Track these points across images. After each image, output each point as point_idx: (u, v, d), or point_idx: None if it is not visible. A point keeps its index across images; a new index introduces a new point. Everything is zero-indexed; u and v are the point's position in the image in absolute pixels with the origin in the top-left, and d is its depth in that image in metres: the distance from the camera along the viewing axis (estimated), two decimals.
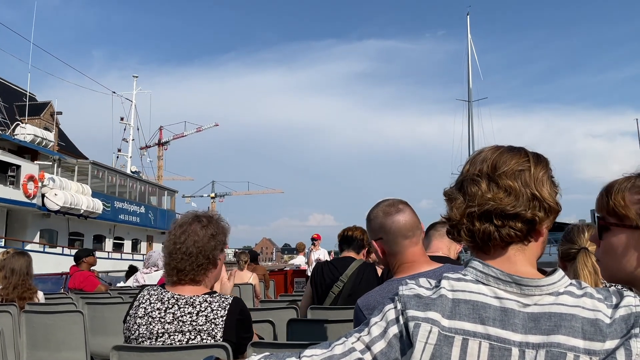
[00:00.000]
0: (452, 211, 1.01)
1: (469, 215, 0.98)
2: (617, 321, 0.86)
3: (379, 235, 1.80)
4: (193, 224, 2.06)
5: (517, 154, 1.02)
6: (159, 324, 1.94)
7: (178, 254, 2.01)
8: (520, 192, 0.96)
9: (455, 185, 1.05)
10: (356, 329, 0.98)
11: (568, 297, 0.89)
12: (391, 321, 0.94)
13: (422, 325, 0.89)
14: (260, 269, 8.27)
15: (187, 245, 2.01)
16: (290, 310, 3.51)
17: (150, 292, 2.02)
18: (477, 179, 0.99)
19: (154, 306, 1.97)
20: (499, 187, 0.97)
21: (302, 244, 11.67)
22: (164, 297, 1.98)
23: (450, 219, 1.02)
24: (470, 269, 0.96)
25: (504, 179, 0.97)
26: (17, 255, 4.05)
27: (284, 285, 10.86)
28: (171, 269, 2.02)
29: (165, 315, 1.95)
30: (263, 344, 2.08)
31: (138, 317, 1.96)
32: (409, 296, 0.94)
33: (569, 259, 1.84)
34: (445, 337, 0.88)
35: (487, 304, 0.90)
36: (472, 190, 0.99)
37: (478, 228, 0.97)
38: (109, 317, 4.28)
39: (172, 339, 1.93)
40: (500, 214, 0.96)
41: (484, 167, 1.01)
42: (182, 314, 1.94)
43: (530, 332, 0.87)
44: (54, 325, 3.74)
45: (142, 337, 1.94)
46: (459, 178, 1.05)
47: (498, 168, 0.99)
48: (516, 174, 0.98)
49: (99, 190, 26.97)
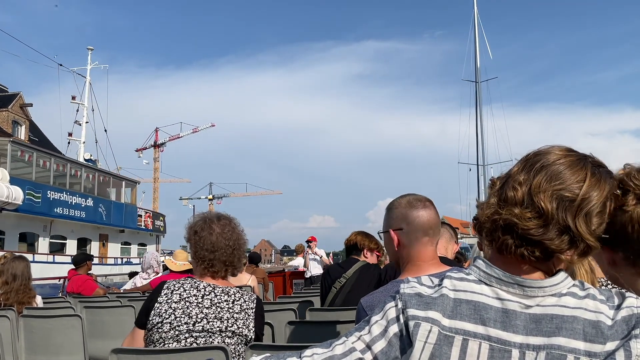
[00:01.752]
0: (482, 210, 0.95)
1: (494, 221, 0.92)
2: (618, 323, 0.85)
3: (400, 226, 1.74)
4: (232, 221, 2.23)
5: (582, 169, 0.90)
6: (197, 308, 2.02)
7: (228, 249, 2.15)
8: (554, 218, 0.87)
9: (500, 179, 0.97)
10: (357, 327, 0.97)
11: (571, 299, 0.89)
12: (392, 320, 0.93)
13: (422, 325, 0.89)
14: (259, 271, 8.26)
15: (234, 239, 2.18)
16: (289, 312, 3.51)
17: (180, 282, 2.10)
18: (517, 187, 0.91)
19: (190, 292, 2.05)
20: (533, 205, 0.88)
21: (301, 245, 11.66)
22: (199, 286, 2.09)
23: (477, 217, 0.97)
24: (475, 268, 0.95)
25: (541, 198, 0.88)
26: (17, 260, 4.05)
27: (283, 287, 10.85)
28: (219, 262, 2.14)
29: (202, 300, 2.04)
30: (262, 345, 2.09)
31: (173, 302, 2.02)
32: (410, 295, 0.93)
33: None
34: (445, 337, 0.88)
35: (489, 305, 0.89)
36: (507, 195, 0.92)
37: (497, 236, 0.92)
38: (107, 321, 4.27)
39: (210, 325, 2.01)
40: (522, 236, 0.89)
41: (537, 178, 0.90)
42: (220, 301, 2.05)
43: (531, 334, 0.86)
44: (53, 329, 3.73)
45: (179, 320, 2.00)
46: (507, 172, 0.96)
47: (551, 180, 0.89)
48: (561, 196, 0.87)
49: (25, 177, 20.58)
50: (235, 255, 2.17)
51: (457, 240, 3.16)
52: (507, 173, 0.96)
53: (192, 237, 2.19)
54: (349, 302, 3.26)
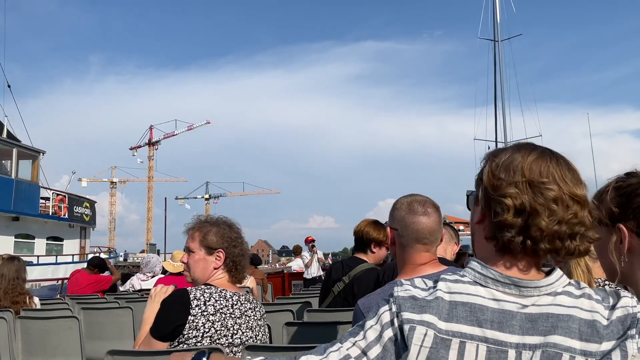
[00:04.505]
0: (543, 222, 0.90)
1: (555, 231, 0.91)
2: (613, 322, 0.85)
3: (396, 227, 1.76)
4: (232, 228, 2.22)
5: (573, 169, 0.96)
6: (231, 319, 2.01)
7: (246, 256, 2.21)
8: (586, 206, 0.93)
9: (517, 186, 0.93)
10: (351, 332, 0.96)
11: (566, 298, 0.89)
12: (386, 324, 0.92)
13: (417, 328, 0.87)
14: (258, 272, 8.26)
15: (244, 245, 2.24)
16: (287, 313, 3.51)
17: (205, 291, 2.04)
18: (551, 188, 0.92)
19: (221, 303, 2.02)
20: (574, 201, 0.92)
21: (299, 246, 11.68)
22: (225, 295, 2.06)
23: (528, 227, 0.91)
24: (470, 269, 0.95)
25: (575, 189, 0.92)
26: (7, 261, 4.07)
27: (282, 288, 10.85)
28: (243, 268, 2.19)
29: (233, 310, 2.03)
30: (258, 347, 2.08)
31: (210, 315, 1.98)
32: (404, 298, 0.92)
33: None
34: (442, 340, 0.87)
35: (485, 306, 0.89)
36: (554, 200, 0.91)
37: (560, 245, 0.91)
38: (105, 322, 4.27)
39: (245, 335, 2.02)
40: (578, 235, 0.91)
41: (554, 174, 0.94)
42: (246, 309, 2.06)
43: (527, 333, 0.86)
44: (50, 330, 3.73)
45: (219, 333, 1.97)
46: (516, 177, 0.94)
47: (566, 179, 0.94)
48: (581, 188, 0.94)
49: None
50: (247, 261, 2.22)
51: (457, 241, 3.15)
52: (518, 175, 0.95)
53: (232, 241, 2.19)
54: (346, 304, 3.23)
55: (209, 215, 2.29)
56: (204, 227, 2.17)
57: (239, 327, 2.00)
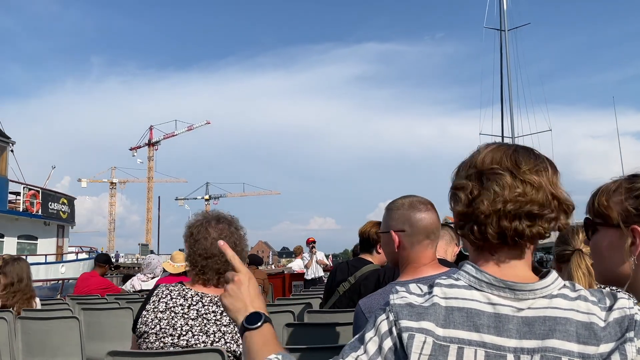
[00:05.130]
0: (483, 204, 0.93)
1: (498, 211, 0.92)
2: (611, 324, 0.85)
3: (402, 227, 1.73)
4: (232, 224, 2.08)
5: (533, 154, 0.98)
6: (182, 319, 1.92)
7: (222, 257, 1.93)
8: (545, 189, 0.93)
9: (468, 177, 0.98)
10: (350, 346, 0.94)
11: (562, 300, 0.88)
12: (384, 334, 0.90)
13: (416, 336, 0.87)
14: (259, 273, 8.25)
15: (230, 246, 2.02)
16: (287, 314, 3.50)
17: (169, 288, 1.99)
18: (500, 172, 0.94)
19: (177, 301, 1.95)
20: (525, 183, 0.93)
21: (300, 247, 11.67)
22: (187, 294, 1.97)
23: (474, 213, 0.94)
24: (464, 273, 0.94)
25: (529, 175, 0.93)
26: (18, 261, 4.08)
27: (282, 289, 10.84)
28: (211, 271, 1.99)
29: (188, 311, 1.93)
30: None
31: (159, 312, 1.93)
32: (401, 305, 0.91)
33: (564, 261, 1.84)
34: (440, 347, 0.86)
35: (481, 310, 0.88)
36: (499, 182, 0.93)
37: (508, 226, 0.92)
38: (105, 323, 4.27)
39: (196, 339, 1.90)
40: (529, 214, 0.92)
41: (504, 160, 0.95)
42: (207, 312, 1.93)
43: (524, 337, 0.86)
44: (50, 331, 3.73)
45: (164, 331, 1.91)
46: (469, 170, 0.98)
47: (519, 164, 0.95)
48: (539, 173, 0.94)
49: None
50: (229, 264, 2.05)
51: (458, 242, 3.15)
52: (470, 169, 0.98)
53: (187, 238, 2.06)
54: (350, 305, 3.23)
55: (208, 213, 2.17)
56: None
57: (189, 328, 1.90)
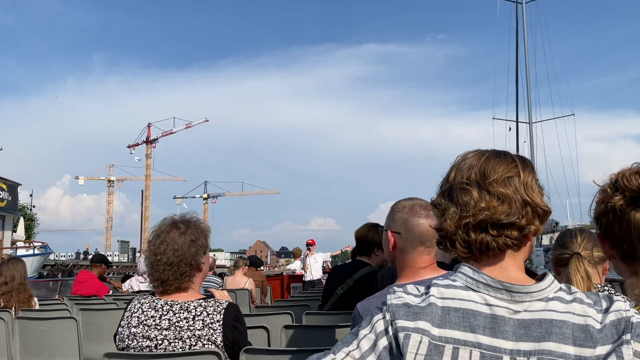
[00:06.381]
0: (446, 222, 0.97)
1: (464, 226, 0.95)
2: (607, 326, 0.85)
3: (398, 229, 1.75)
4: (171, 232, 2.02)
5: (505, 159, 1.00)
6: (156, 330, 1.92)
7: (160, 265, 1.97)
8: (512, 199, 0.94)
9: (442, 194, 1.02)
10: (344, 341, 0.95)
11: (558, 303, 0.89)
12: (380, 333, 0.91)
13: (412, 336, 0.87)
14: (258, 274, 8.26)
15: (168, 255, 1.97)
16: (285, 315, 3.50)
17: (141, 301, 1.99)
18: (467, 187, 0.97)
19: (148, 314, 1.94)
20: (491, 195, 0.95)
21: (299, 249, 11.68)
22: (157, 305, 1.96)
23: (443, 230, 0.99)
24: (461, 274, 0.94)
25: (495, 187, 0.95)
26: (14, 261, 4.09)
27: (281, 291, 10.83)
28: (155, 280, 2.00)
29: (160, 322, 1.93)
30: (256, 350, 2.07)
31: (132, 327, 1.94)
32: (398, 305, 0.91)
33: (562, 264, 1.84)
34: (435, 347, 0.86)
35: (478, 311, 0.89)
36: (463, 199, 0.96)
37: (474, 239, 0.95)
38: (103, 323, 4.26)
39: (172, 346, 1.90)
40: (495, 224, 0.94)
41: (472, 174, 0.98)
42: (178, 320, 1.92)
43: (521, 340, 0.86)
44: (48, 331, 3.73)
45: (141, 344, 1.91)
46: (444, 186, 1.03)
47: (487, 175, 0.97)
48: (506, 180, 0.96)
49: None
50: (170, 272, 1.96)
51: None
52: (445, 185, 1.03)
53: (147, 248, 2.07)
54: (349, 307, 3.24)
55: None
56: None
57: (164, 337, 1.91)
